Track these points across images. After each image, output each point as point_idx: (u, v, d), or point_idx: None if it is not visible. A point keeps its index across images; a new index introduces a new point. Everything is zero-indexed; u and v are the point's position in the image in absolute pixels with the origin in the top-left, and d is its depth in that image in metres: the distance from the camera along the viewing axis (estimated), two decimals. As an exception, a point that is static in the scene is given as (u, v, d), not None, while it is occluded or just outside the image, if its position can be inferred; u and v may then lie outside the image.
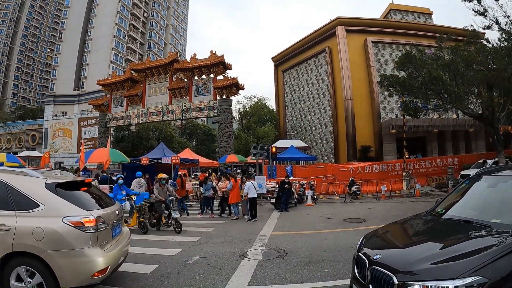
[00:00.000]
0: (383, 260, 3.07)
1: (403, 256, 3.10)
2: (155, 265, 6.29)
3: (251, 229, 10.06)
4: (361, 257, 3.42)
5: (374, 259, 3.16)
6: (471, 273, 2.50)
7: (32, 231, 4.00)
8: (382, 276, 2.93)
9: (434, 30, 37.11)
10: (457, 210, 3.95)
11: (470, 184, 4.38)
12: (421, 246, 3.28)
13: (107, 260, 4.28)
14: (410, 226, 4.12)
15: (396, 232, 4.07)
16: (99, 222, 4.30)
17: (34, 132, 56.73)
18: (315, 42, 39.40)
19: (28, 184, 4.41)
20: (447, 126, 32.92)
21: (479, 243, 2.93)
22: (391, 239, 3.80)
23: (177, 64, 29.66)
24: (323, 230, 9.60)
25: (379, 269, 3.00)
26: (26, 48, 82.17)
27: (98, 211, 4.47)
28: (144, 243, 8.13)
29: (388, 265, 2.96)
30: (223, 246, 7.92)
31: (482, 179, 4.33)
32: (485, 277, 2.46)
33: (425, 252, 2.98)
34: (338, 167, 20.79)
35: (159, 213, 10.18)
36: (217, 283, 5.33)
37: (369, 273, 3.11)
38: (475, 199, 4.18)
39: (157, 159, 15.76)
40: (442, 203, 4.38)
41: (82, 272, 4.07)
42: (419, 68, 18.57)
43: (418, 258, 2.89)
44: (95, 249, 4.19)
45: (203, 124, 59.06)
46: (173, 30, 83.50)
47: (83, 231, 4.13)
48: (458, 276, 2.51)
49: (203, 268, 6.12)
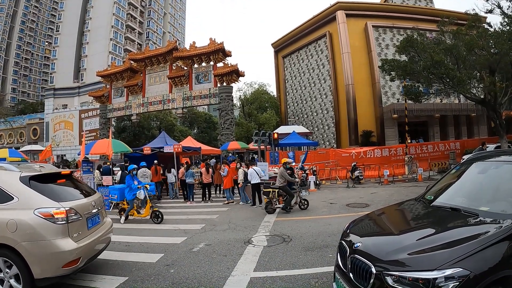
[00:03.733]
0: (363, 248, 2.99)
1: (383, 245, 3.01)
2: (160, 253, 6.30)
3: (255, 216, 10.11)
4: (343, 245, 3.36)
5: (355, 247, 3.08)
6: (451, 264, 2.39)
7: (6, 223, 4.10)
8: (361, 265, 2.85)
9: (435, 14, 36.66)
10: (446, 197, 3.82)
11: (461, 170, 4.23)
12: (404, 235, 3.17)
13: (79, 251, 4.31)
14: (396, 214, 4.04)
15: (379, 220, 3.96)
16: (70, 213, 4.35)
17: (35, 126, 56.84)
18: (315, 27, 38.97)
19: (3, 177, 4.51)
20: (449, 111, 32.81)
21: (464, 232, 2.79)
22: (374, 227, 3.71)
23: (177, 53, 29.38)
24: (326, 216, 9.59)
25: (358, 257, 2.93)
26: (23, 42, 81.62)
27: (70, 203, 4.51)
28: (149, 232, 8.15)
29: (368, 254, 2.88)
30: (228, 233, 7.94)
31: (473, 165, 4.14)
32: (466, 269, 2.35)
33: (406, 241, 2.89)
34: (340, 152, 20.78)
35: (290, 195, 10.47)
36: (223, 270, 5.34)
37: (349, 261, 3.05)
38: (465, 185, 4.02)
39: (159, 148, 15.75)
40: (432, 189, 4.27)
41: (53, 263, 4.12)
42: (421, 52, 18.39)
43: (398, 247, 2.80)
44: (66, 240, 4.24)
45: (204, 112, 58.91)
46: (171, 19, 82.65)
47: (54, 222, 4.19)
48: (437, 267, 2.40)
49: (208, 256, 6.14)
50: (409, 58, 19.35)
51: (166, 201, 14.44)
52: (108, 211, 11.54)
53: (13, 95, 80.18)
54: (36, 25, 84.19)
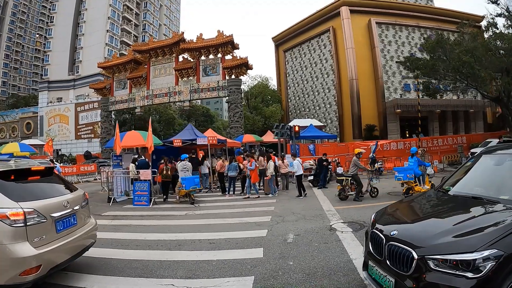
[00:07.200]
0: (400, 236, 3.10)
1: (419, 232, 3.12)
2: (258, 248, 5.87)
3: (311, 206, 9.95)
4: (377, 233, 3.43)
5: (391, 235, 3.17)
6: (488, 246, 2.57)
7: None
8: (401, 251, 2.96)
9: (435, 12, 37.62)
10: (465, 187, 3.99)
11: (475, 162, 4.40)
12: (435, 221, 3.33)
13: (39, 259, 3.78)
14: (420, 203, 4.14)
15: (407, 209, 4.10)
16: (30, 215, 3.84)
17: (28, 120, 55.62)
18: (318, 22, 39.19)
19: None
20: (449, 107, 33.56)
21: (492, 218, 2.99)
22: (403, 216, 3.82)
23: (184, 44, 29.18)
24: (379, 203, 9.34)
25: (397, 244, 3.03)
26: (14, 34, 79.26)
27: (32, 203, 3.97)
28: (220, 227, 7.63)
29: (406, 241, 2.99)
30: (303, 223, 7.70)
31: (488, 157, 4.32)
32: (500, 250, 2.54)
33: (441, 227, 3.03)
34: (358, 145, 21.07)
35: (359, 184, 10.60)
36: (338, 255, 5.24)
37: (387, 249, 3.14)
38: (483, 176, 4.18)
39: (191, 140, 15.43)
40: (449, 180, 4.42)
41: (8, 270, 3.63)
42: (450, 53, 19.22)
43: (434, 233, 2.93)
44: (23, 245, 3.72)
45: (202, 105, 58.63)
46: (167, 11, 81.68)
47: (9, 225, 3.69)
48: (476, 249, 2.58)
49: (310, 244, 5.92)
50: (436, 58, 20.17)
51: (203, 195, 13.46)
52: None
53: (3, 89, 78.15)
54: (27, 16, 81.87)
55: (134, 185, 11.67)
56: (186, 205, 10.97)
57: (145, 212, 10.00)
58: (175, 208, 10.73)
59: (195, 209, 10.21)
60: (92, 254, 5.33)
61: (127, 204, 11.59)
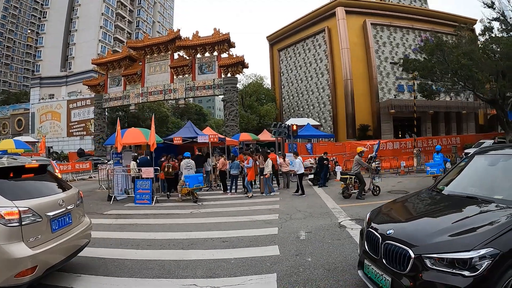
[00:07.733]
0: (397, 235, 3.12)
1: (416, 231, 3.12)
2: (272, 245, 5.90)
3: (315, 204, 10.05)
4: (372, 233, 3.44)
5: (387, 234, 3.19)
6: (484, 245, 2.61)
7: None
8: (397, 250, 2.98)
9: (430, 14, 38.18)
10: (458, 187, 4.04)
11: (469, 162, 4.44)
12: (432, 220, 3.35)
13: (34, 259, 3.68)
14: (414, 203, 4.17)
15: (402, 208, 4.11)
16: (25, 214, 3.74)
17: (19, 117, 54.70)
18: (314, 22, 39.43)
19: None
20: (441, 108, 34.06)
21: (487, 217, 3.02)
22: (399, 215, 3.86)
23: (180, 42, 29.02)
24: (381, 201, 9.08)
25: (394, 243, 3.05)
26: (5, 29, 77.62)
27: (28, 201, 3.87)
28: (231, 225, 7.65)
29: (402, 240, 3.02)
30: (312, 220, 7.75)
31: (482, 158, 4.37)
32: (496, 248, 2.58)
33: (437, 226, 3.06)
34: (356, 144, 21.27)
35: (362, 183, 10.70)
36: (354, 251, 5.24)
37: (383, 248, 3.15)
38: (476, 176, 4.23)
39: (192, 138, 15.35)
40: (443, 180, 4.47)
41: (3, 272, 3.52)
42: (448, 55, 19.65)
43: (431, 232, 2.96)
44: (18, 245, 3.62)
45: (194, 104, 58.40)
46: (161, 8, 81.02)
47: (4, 224, 3.58)
48: (472, 248, 2.61)
49: (324, 241, 5.99)
50: (435, 60, 20.63)
51: (204, 193, 13.27)
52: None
53: (-6, 85, 76.76)
54: (19, 12, 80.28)
55: (136, 183, 11.60)
56: (189, 204, 10.93)
57: (148, 211, 9.94)
58: (179, 206, 10.66)
59: (199, 208, 10.19)
60: (104, 255, 5.26)
61: (128, 203, 11.46)
